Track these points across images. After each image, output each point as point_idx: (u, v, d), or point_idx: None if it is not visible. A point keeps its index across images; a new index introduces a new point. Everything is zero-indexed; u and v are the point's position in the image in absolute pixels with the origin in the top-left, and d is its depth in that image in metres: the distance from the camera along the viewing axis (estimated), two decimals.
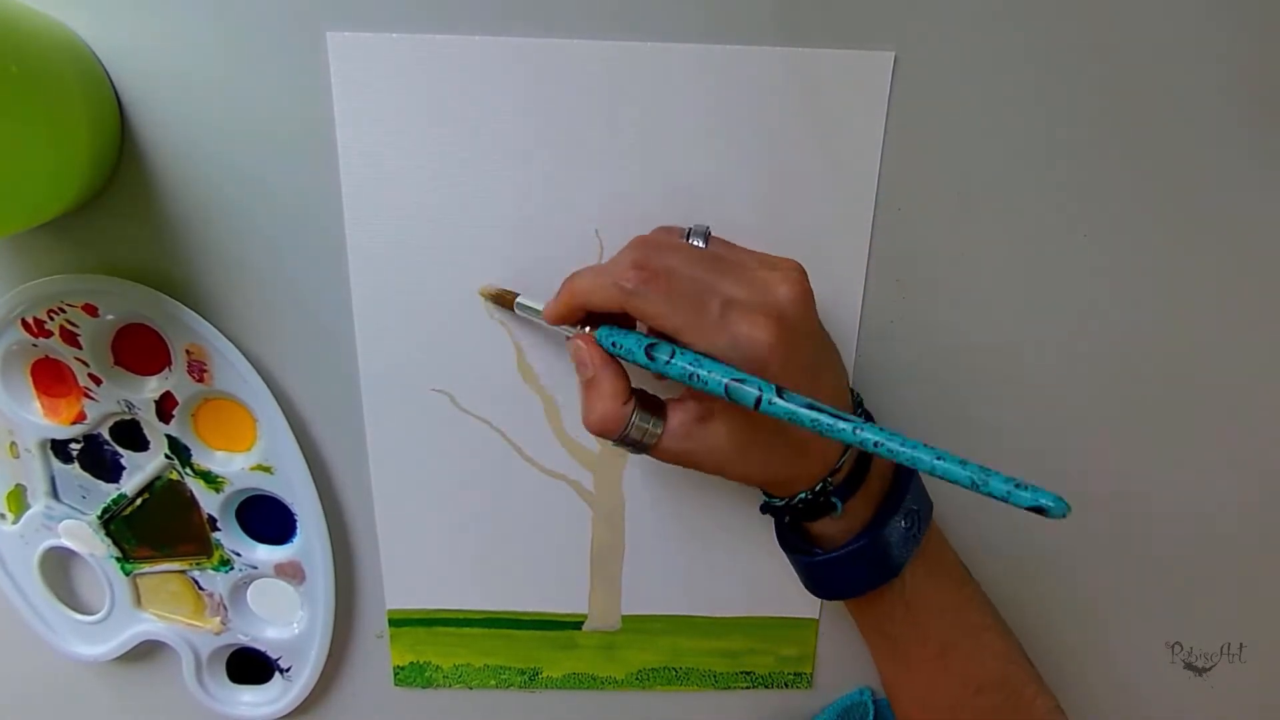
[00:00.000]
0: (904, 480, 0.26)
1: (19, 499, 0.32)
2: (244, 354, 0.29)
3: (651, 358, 0.22)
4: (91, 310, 0.28)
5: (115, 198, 0.28)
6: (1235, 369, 0.30)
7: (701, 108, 0.27)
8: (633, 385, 0.24)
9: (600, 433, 0.24)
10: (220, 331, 0.28)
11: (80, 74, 0.25)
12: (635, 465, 0.31)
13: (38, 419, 0.30)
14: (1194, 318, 0.30)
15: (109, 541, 0.32)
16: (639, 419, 0.23)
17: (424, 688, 0.35)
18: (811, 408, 0.20)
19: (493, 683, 0.35)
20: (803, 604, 0.33)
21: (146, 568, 0.33)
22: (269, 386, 0.29)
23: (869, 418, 0.27)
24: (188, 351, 0.29)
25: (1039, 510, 0.18)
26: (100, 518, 0.32)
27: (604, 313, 0.24)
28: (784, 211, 0.28)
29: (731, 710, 0.36)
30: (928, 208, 0.28)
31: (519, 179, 0.27)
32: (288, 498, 0.31)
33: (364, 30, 0.26)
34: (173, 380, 0.29)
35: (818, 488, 0.24)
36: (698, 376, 0.21)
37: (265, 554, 0.32)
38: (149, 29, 0.26)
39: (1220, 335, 0.30)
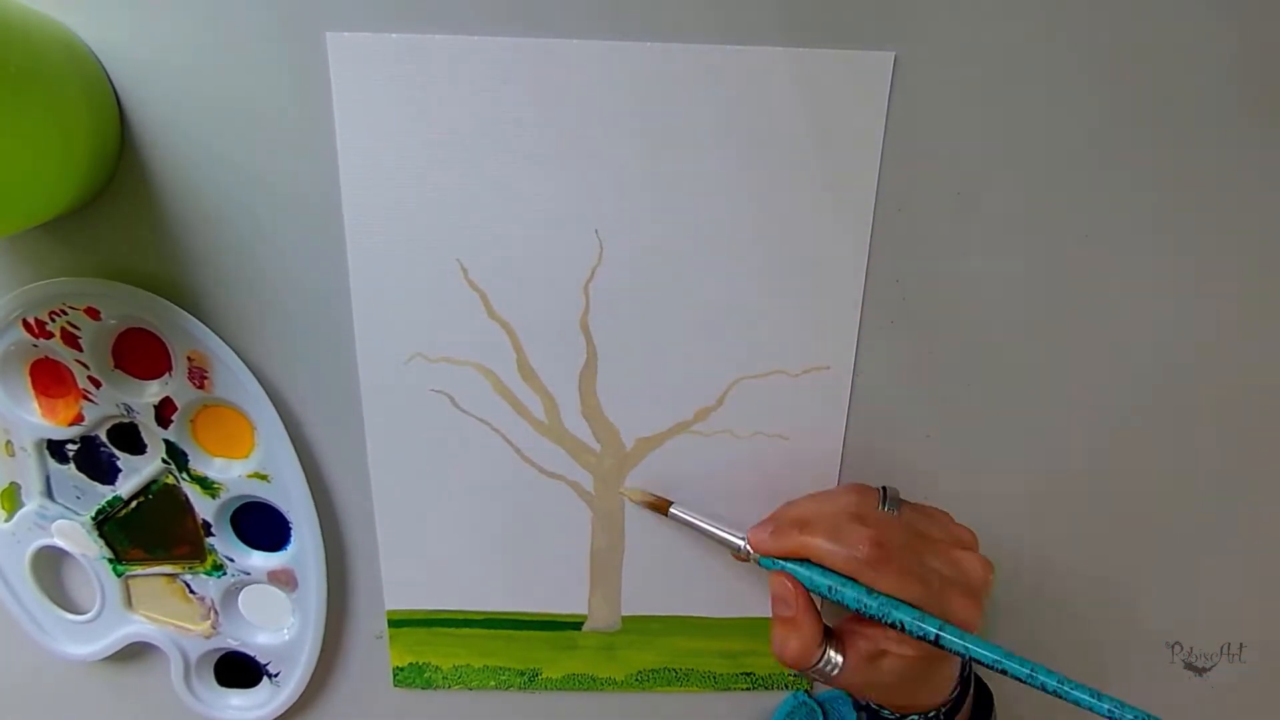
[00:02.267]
0: (986, 708, 0.30)
1: (13, 497, 0.32)
2: (244, 361, 0.29)
3: (913, 629, 0.25)
4: (94, 313, 0.28)
5: (116, 199, 0.28)
6: (1236, 368, 0.30)
7: (701, 108, 0.27)
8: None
9: (791, 666, 0.27)
10: (221, 338, 0.28)
11: (80, 74, 0.25)
12: (635, 466, 0.31)
13: (35, 419, 0.30)
14: (1195, 317, 0.30)
15: (102, 543, 0.32)
16: (825, 659, 0.26)
17: (423, 689, 0.35)
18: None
19: (492, 683, 0.35)
20: None
21: (138, 570, 0.33)
22: (268, 393, 0.29)
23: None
24: (189, 358, 0.29)
25: None
26: (94, 519, 0.31)
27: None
28: (784, 211, 0.28)
29: (731, 711, 0.35)
30: (928, 208, 0.28)
31: (519, 179, 0.27)
32: (283, 506, 0.31)
33: (363, 30, 0.26)
34: (173, 386, 0.29)
35: (931, 714, 0.27)
36: (929, 634, 0.24)
37: (258, 560, 0.32)
38: (149, 29, 0.26)
39: (1221, 335, 0.30)
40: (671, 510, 0.30)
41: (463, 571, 0.33)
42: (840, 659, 0.26)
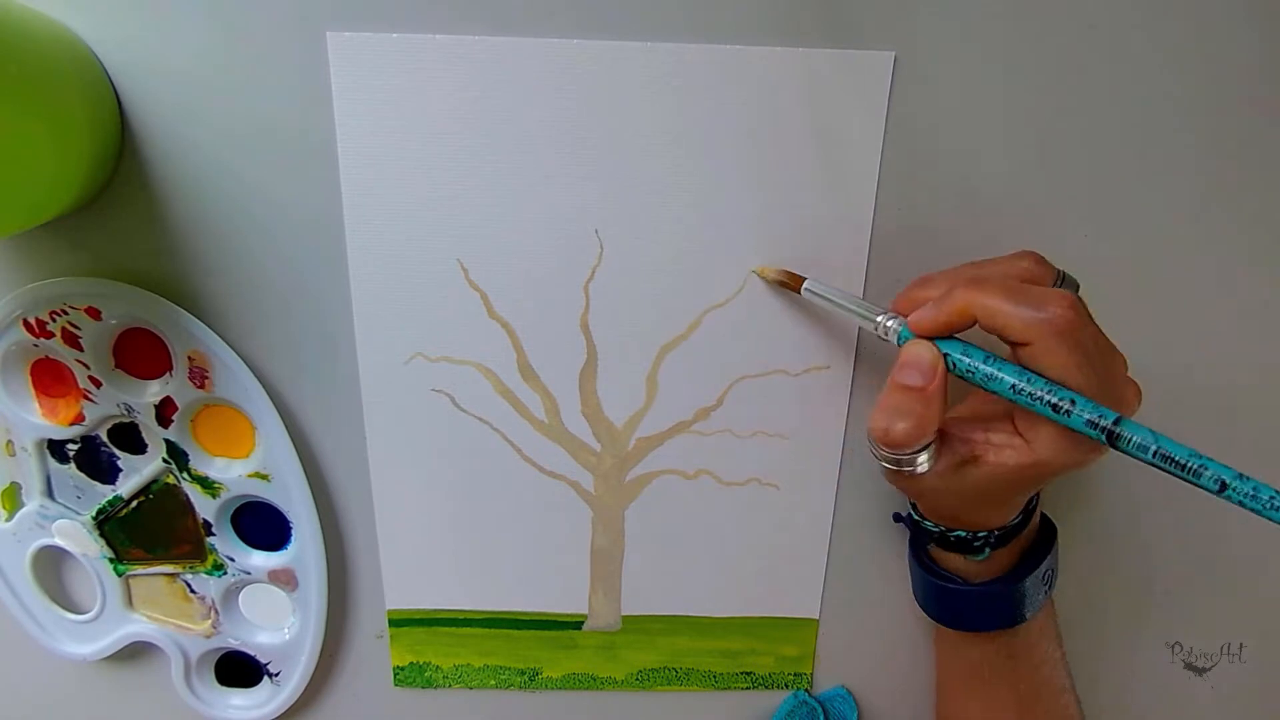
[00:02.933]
0: (1049, 540, 0.28)
1: (13, 497, 0.32)
2: (245, 361, 0.29)
3: (1041, 402, 0.21)
4: (94, 313, 0.28)
5: (116, 199, 0.28)
6: (1236, 369, 0.30)
7: (701, 108, 0.27)
8: None
9: (893, 445, 0.23)
10: (221, 338, 0.28)
11: (81, 74, 0.25)
12: (635, 466, 0.31)
13: (35, 419, 0.30)
14: (1196, 317, 0.30)
15: (102, 542, 0.32)
16: (929, 450, 0.23)
17: (424, 688, 0.35)
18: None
19: (493, 683, 0.35)
20: (803, 604, 0.33)
21: (139, 569, 0.33)
22: (269, 393, 0.29)
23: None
24: (189, 358, 0.29)
25: None
26: (95, 518, 0.31)
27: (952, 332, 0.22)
28: (784, 211, 0.28)
29: (731, 711, 0.36)
30: (928, 208, 0.28)
31: (519, 179, 0.27)
32: (284, 505, 0.31)
33: (364, 30, 0.26)
34: (173, 385, 0.29)
35: (989, 534, 0.25)
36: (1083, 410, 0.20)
37: (259, 560, 0.32)
38: (149, 29, 0.26)
39: (1222, 335, 0.30)
40: (805, 287, 0.26)
41: (463, 571, 0.33)
42: (931, 460, 0.23)
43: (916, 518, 0.27)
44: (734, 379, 0.30)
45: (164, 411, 0.30)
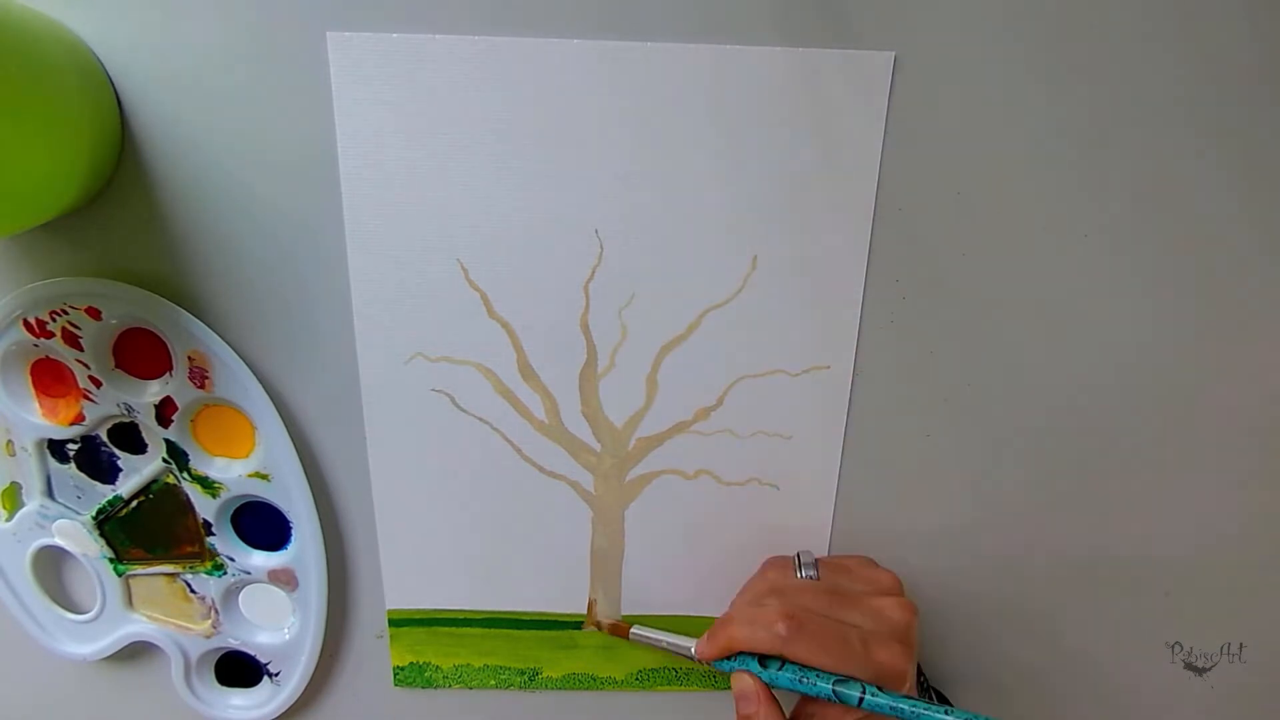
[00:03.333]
0: None
1: (13, 497, 0.32)
2: (245, 361, 0.29)
3: (838, 695, 0.25)
4: (94, 313, 0.28)
5: (116, 199, 0.28)
6: (1238, 367, 0.30)
7: (701, 108, 0.27)
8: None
9: None
10: (221, 337, 0.28)
11: (80, 74, 0.25)
12: (635, 466, 0.31)
13: (36, 419, 0.30)
14: (1195, 319, 0.30)
15: (102, 542, 0.32)
16: None
17: (424, 688, 0.35)
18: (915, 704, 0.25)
19: (493, 683, 0.35)
20: None
21: (139, 569, 0.33)
22: (269, 393, 0.29)
23: (928, 689, 0.31)
24: (189, 358, 0.29)
25: None
26: (95, 518, 0.31)
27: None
28: (784, 211, 0.28)
29: (731, 711, 0.35)
30: (928, 208, 0.28)
31: (519, 179, 0.27)
32: (284, 505, 0.31)
33: (364, 30, 0.26)
34: (173, 385, 0.29)
35: None
36: (884, 707, 0.25)
37: (259, 560, 0.32)
38: (149, 29, 0.26)
39: (1221, 337, 0.30)
40: (633, 631, 0.32)
41: (463, 571, 0.33)
42: None
43: None
44: (734, 379, 0.30)
45: (164, 411, 0.30)
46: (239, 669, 0.35)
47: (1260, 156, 0.28)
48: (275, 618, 0.33)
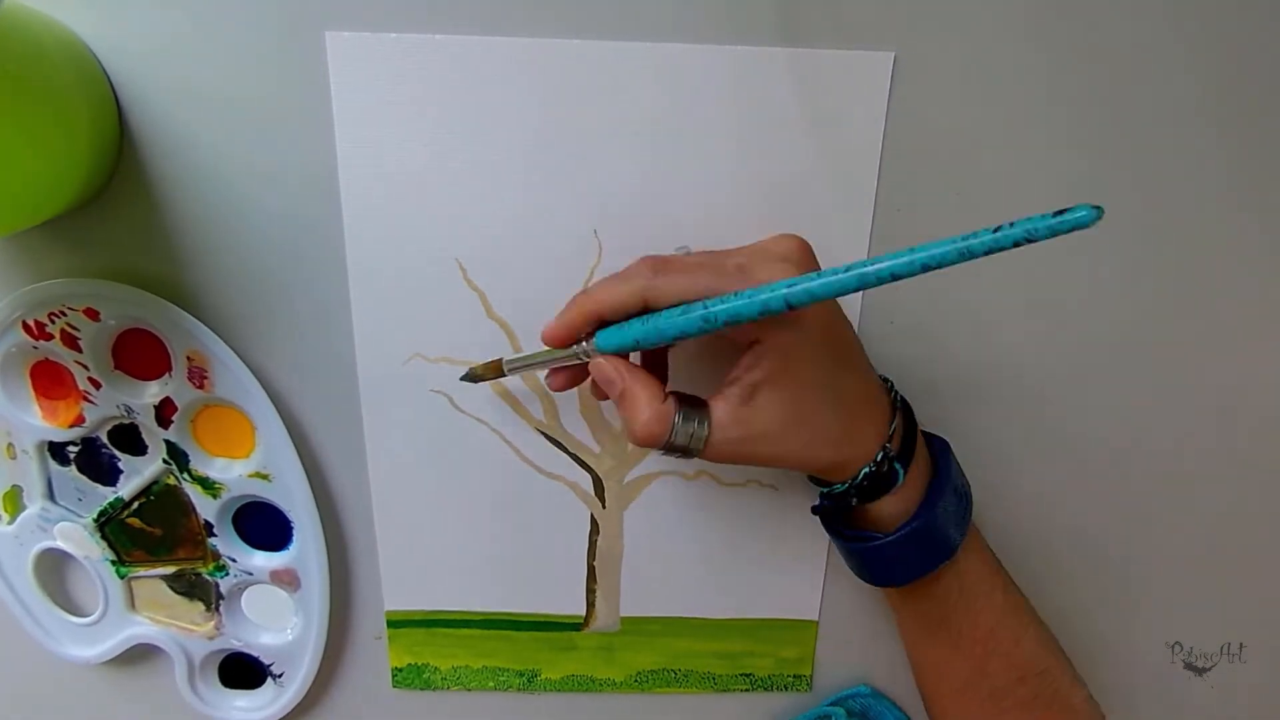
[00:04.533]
0: (944, 458, 0.26)
1: (15, 500, 0.32)
2: (244, 361, 0.29)
3: (695, 315, 0.21)
4: (93, 314, 0.28)
5: (115, 199, 0.28)
6: (1236, 369, 0.30)
7: (701, 108, 0.27)
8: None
9: (647, 441, 0.23)
10: (220, 338, 0.28)
11: (80, 74, 0.25)
12: (635, 466, 0.31)
13: (36, 421, 0.30)
14: (1195, 318, 0.30)
15: (104, 544, 0.32)
16: (683, 418, 0.23)
17: (422, 689, 0.35)
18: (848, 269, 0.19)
19: (491, 684, 0.35)
20: (802, 605, 0.33)
21: (141, 571, 0.33)
22: (268, 393, 0.29)
23: (905, 403, 0.27)
24: (188, 358, 0.29)
25: (1078, 225, 0.16)
26: (96, 521, 0.31)
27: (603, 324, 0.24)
28: (784, 211, 0.28)
29: (731, 712, 0.36)
30: (928, 208, 0.28)
31: (519, 179, 0.27)
32: (285, 505, 0.31)
33: (363, 30, 0.26)
34: (173, 386, 0.29)
35: (879, 456, 0.24)
36: (748, 303, 0.20)
37: (261, 560, 0.32)
38: (149, 29, 0.26)
39: (1221, 336, 0.30)
40: (505, 362, 0.27)
41: (462, 571, 0.33)
42: (704, 421, 0.23)
43: (822, 488, 0.26)
44: None
45: (164, 412, 0.30)
46: (242, 670, 0.35)
47: (1261, 156, 0.28)
48: (278, 619, 0.33)
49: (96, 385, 0.29)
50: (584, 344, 0.24)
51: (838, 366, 0.24)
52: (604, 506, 0.32)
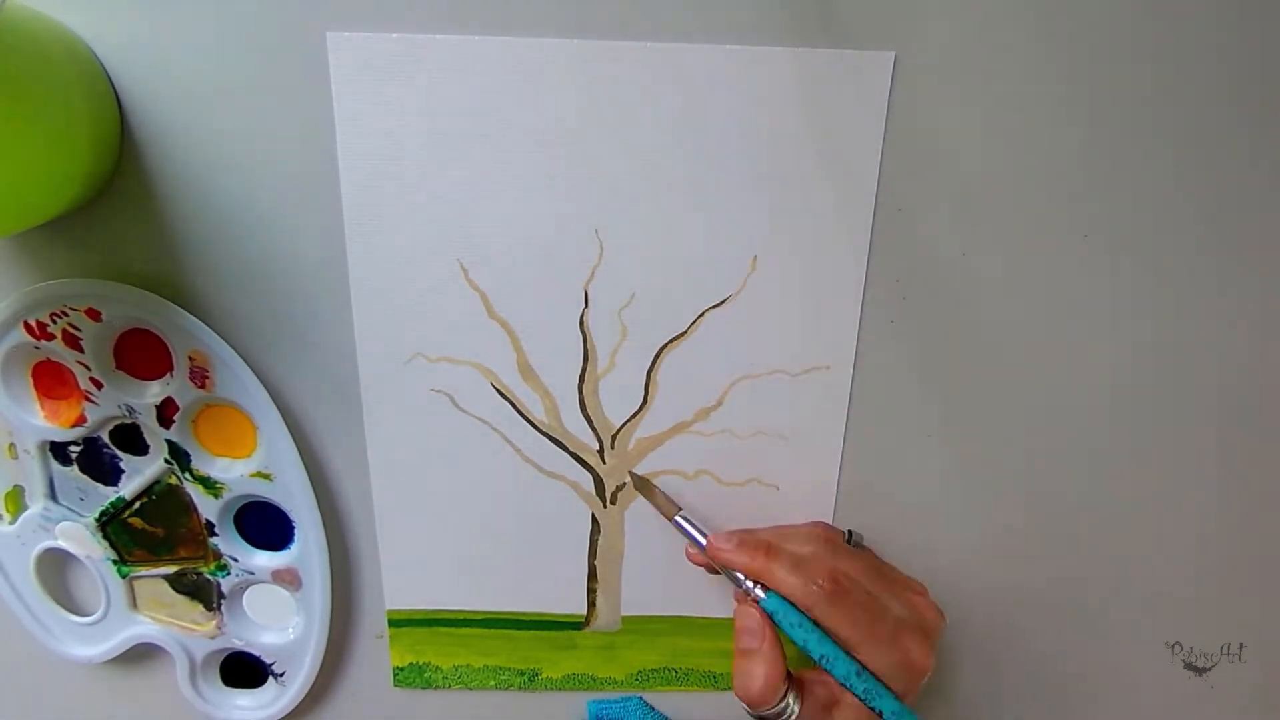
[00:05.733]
0: None
1: (17, 500, 0.32)
2: (245, 361, 0.29)
3: (852, 684, 0.25)
4: (94, 314, 0.28)
5: (116, 199, 0.28)
6: (1236, 370, 0.30)
7: (701, 108, 0.27)
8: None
9: (752, 704, 0.26)
10: (222, 338, 0.28)
11: (81, 74, 0.25)
12: (635, 466, 0.31)
13: (38, 421, 0.30)
14: (1195, 319, 0.30)
15: (105, 544, 0.32)
16: (788, 700, 0.26)
17: (423, 688, 0.35)
18: None
19: (492, 683, 0.35)
20: None
21: (143, 571, 0.33)
22: (270, 393, 0.29)
23: None
24: (190, 358, 0.29)
25: None
26: (98, 520, 0.32)
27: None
28: (784, 211, 0.28)
29: (731, 712, 0.35)
30: (928, 208, 0.28)
31: (520, 179, 0.27)
32: (286, 505, 0.31)
33: (364, 30, 0.26)
34: (174, 386, 0.29)
35: None
36: (867, 692, 0.25)
37: (262, 560, 0.32)
38: (149, 29, 0.26)
39: (1221, 337, 0.30)
40: (676, 519, 0.30)
41: (463, 571, 0.33)
42: (797, 705, 0.26)
43: None
44: (734, 379, 0.30)
45: (165, 412, 0.30)
46: (243, 670, 0.35)
47: (1261, 156, 0.28)
48: (279, 618, 0.33)
49: (98, 385, 0.29)
50: (756, 587, 0.27)
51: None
52: (605, 506, 0.32)
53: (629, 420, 0.31)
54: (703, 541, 0.28)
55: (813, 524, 0.30)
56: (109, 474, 0.31)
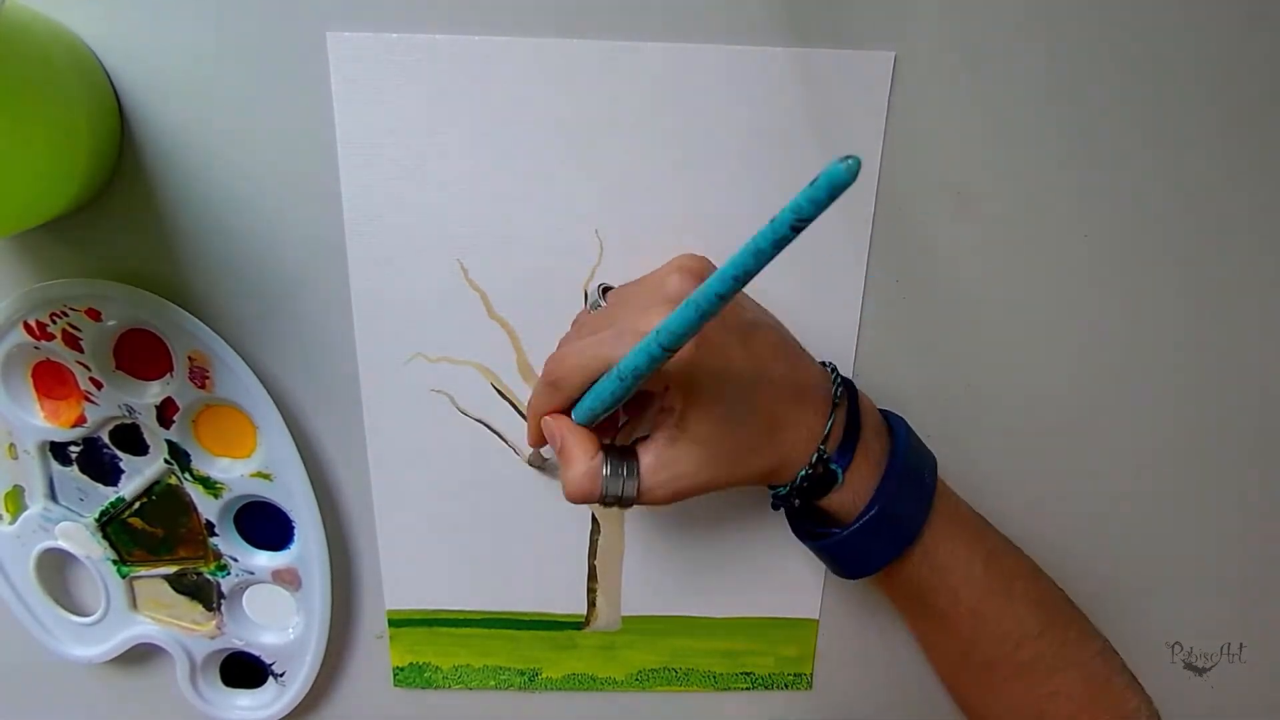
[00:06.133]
0: (900, 436, 0.26)
1: (17, 500, 0.32)
2: (245, 361, 0.29)
3: (608, 384, 0.22)
4: (94, 314, 0.28)
5: (116, 200, 0.28)
6: (1237, 370, 0.30)
7: (702, 108, 0.27)
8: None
9: (580, 496, 0.24)
10: (222, 338, 0.28)
11: (81, 74, 0.25)
12: None
13: (38, 421, 0.30)
14: (1194, 318, 0.30)
15: (105, 544, 0.32)
16: (611, 471, 0.24)
17: (423, 688, 0.35)
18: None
19: (492, 683, 0.35)
20: (803, 604, 0.33)
21: (142, 571, 0.33)
22: (269, 393, 0.29)
23: (850, 388, 0.27)
24: (190, 358, 0.29)
25: (834, 182, 0.15)
26: (98, 520, 0.32)
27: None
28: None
29: (731, 711, 0.36)
30: (928, 208, 0.28)
31: (520, 179, 0.27)
32: (286, 505, 0.31)
33: (364, 30, 0.26)
34: (174, 386, 0.29)
35: (813, 459, 0.24)
36: (634, 359, 0.21)
37: (262, 560, 0.32)
38: (149, 29, 0.26)
39: (1222, 336, 0.30)
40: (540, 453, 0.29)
41: (462, 571, 0.33)
42: (634, 469, 0.24)
43: (773, 493, 0.26)
44: None
45: (165, 412, 0.30)
46: (243, 670, 0.35)
47: (1261, 156, 0.28)
48: (279, 618, 0.33)
49: (98, 385, 0.29)
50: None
51: (757, 375, 0.24)
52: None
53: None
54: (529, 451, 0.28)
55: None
56: (109, 474, 0.31)
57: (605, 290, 0.27)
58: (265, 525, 0.32)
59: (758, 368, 0.24)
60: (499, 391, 0.30)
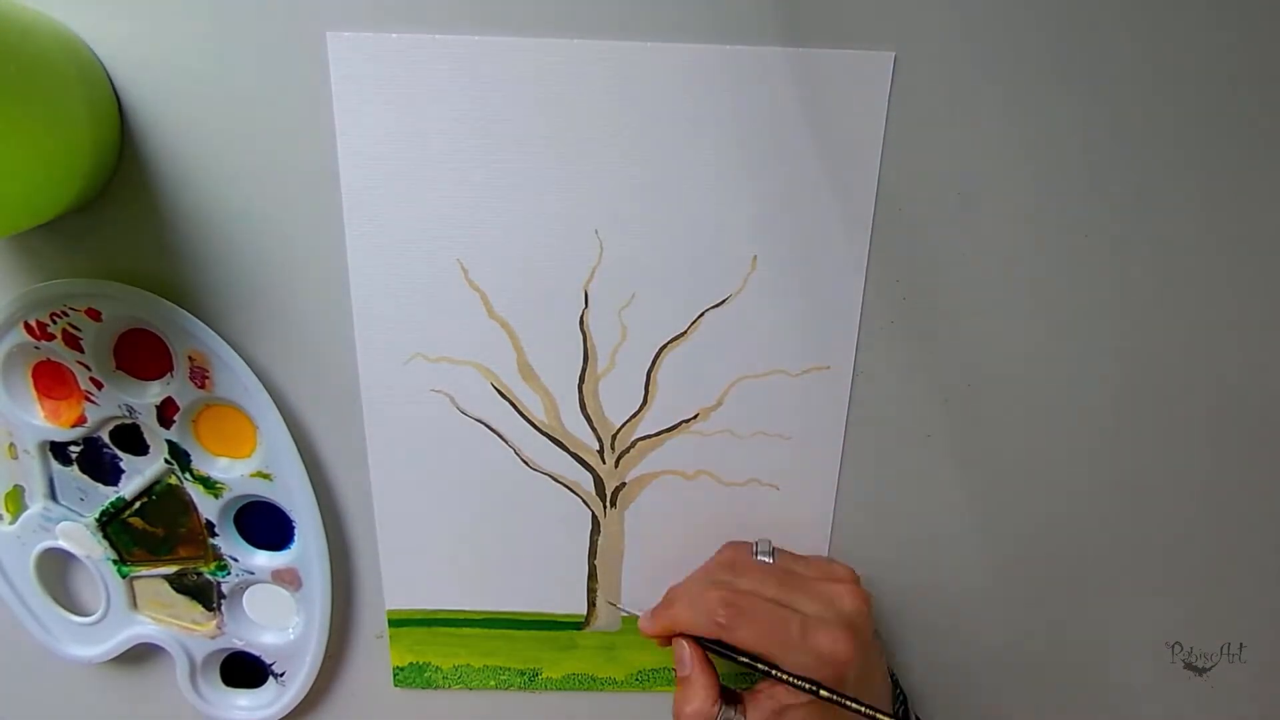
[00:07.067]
0: None
1: (17, 500, 0.32)
2: (245, 361, 0.29)
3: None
4: (94, 314, 0.28)
5: (116, 200, 0.28)
6: (1237, 370, 0.30)
7: (702, 108, 0.27)
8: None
9: None
10: (222, 338, 0.28)
11: (81, 74, 0.25)
12: (635, 466, 0.31)
13: (38, 421, 0.30)
14: (1195, 318, 0.30)
15: (106, 544, 0.32)
16: (724, 715, 0.27)
17: (424, 688, 0.35)
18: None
19: (493, 683, 0.35)
20: None
21: (143, 571, 0.33)
22: (270, 393, 0.29)
23: (906, 703, 0.31)
24: (190, 358, 0.29)
25: None
26: (98, 520, 0.32)
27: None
28: (784, 211, 0.28)
29: None
30: (928, 208, 0.28)
31: (520, 179, 0.27)
32: (286, 505, 0.31)
33: (364, 30, 0.26)
34: (174, 386, 0.29)
35: None
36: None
37: (262, 560, 0.32)
38: (149, 29, 0.26)
39: (1222, 337, 0.30)
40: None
41: (463, 571, 0.33)
42: (741, 717, 0.27)
43: None
44: (734, 379, 0.30)
45: (165, 412, 0.30)
46: (244, 670, 0.35)
47: (1262, 156, 0.28)
48: (279, 618, 0.33)
49: (98, 385, 0.29)
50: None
51: (858, 690, 0.27)
52: (605, 506, 0.32)
53: (629, 420, 0.31)
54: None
55: (721, 549, 0.31)
56: (109, 474, 0.31)
57: (770, 548, 0.30)
58: (265, 525, 0.32)
59: (864, 684, 0.27)
60: (499, 391, 0.30)
